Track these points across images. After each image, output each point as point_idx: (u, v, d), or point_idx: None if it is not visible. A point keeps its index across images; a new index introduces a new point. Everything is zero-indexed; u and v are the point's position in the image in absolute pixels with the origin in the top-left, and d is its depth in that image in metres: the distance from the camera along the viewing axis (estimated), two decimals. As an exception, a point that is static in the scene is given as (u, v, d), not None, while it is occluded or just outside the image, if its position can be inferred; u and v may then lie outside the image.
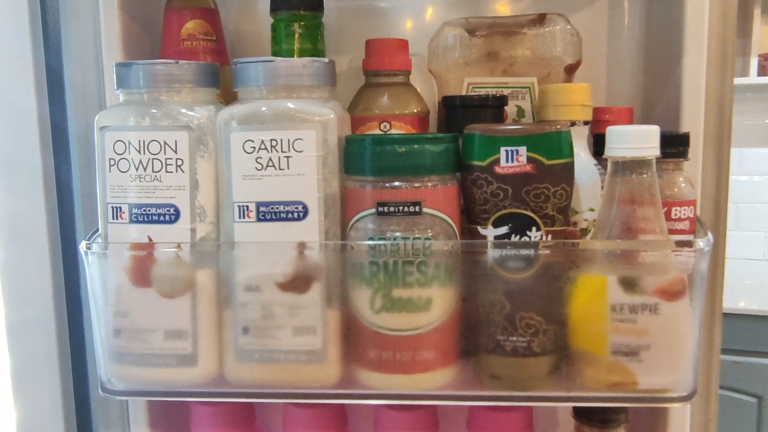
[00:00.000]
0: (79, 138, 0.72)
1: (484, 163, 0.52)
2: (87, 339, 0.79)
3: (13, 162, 0.79)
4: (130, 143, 0.54)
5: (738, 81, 2.50)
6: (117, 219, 0.55)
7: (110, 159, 0.55)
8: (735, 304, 2.13)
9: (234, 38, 0.74)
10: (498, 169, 0.52)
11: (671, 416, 0.62)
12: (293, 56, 0.64)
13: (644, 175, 0.51)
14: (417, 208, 0.52)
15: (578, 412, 0.65)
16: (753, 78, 2.41)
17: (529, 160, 0.52)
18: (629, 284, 0.52)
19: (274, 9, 0.65)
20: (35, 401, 0.84)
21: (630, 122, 0.65)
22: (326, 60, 0.55)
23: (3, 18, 0.76)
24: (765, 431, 2.18)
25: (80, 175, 0.72)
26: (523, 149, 0.51)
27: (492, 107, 0.60)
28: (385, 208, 0.52)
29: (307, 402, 0.63)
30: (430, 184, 0.53)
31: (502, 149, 0.52)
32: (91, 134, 0.67)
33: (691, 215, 0.57)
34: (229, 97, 0.60)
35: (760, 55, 2.36)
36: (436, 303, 0.53)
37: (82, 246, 0.55)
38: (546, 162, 0.52)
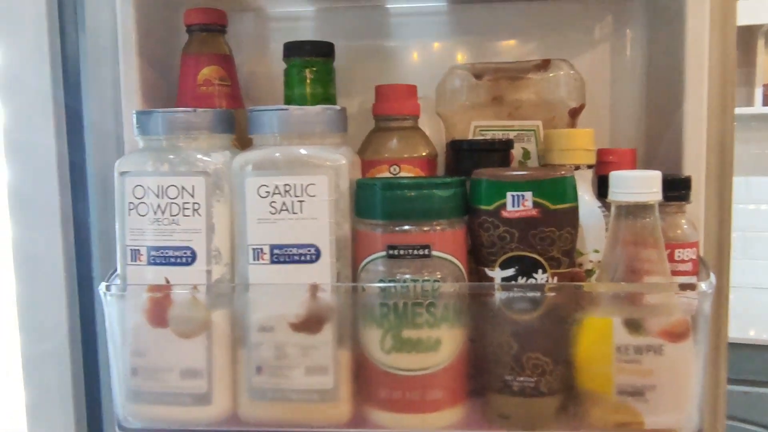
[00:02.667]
0: (97, 177, 0.74)
1: (491, 207, 0.54)
2: (102, 373, 0.80)
3: (33, 199, 0.82)
4: (149, 188, 0.56)
5: (742, 111, 2.52)
6: (136, 261, 0.57)
7: (130, 203, 0.56)
8: (744, 334, 2.13)
9: (247, 81, 0.77)
10: (504, 213, 0.54)
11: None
12: (305, 100, 0.66)
13: (647, 219, 0.53)
14: (426, 251, 0.54)
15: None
16: (758, 107, 2.43)
17: (535, 204, 0.53)
18: (634, 326, 0.53)
19: (287, 55, 0.67)
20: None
21: (633, 163, 0.66)
22: (338, 108, 0.57)
23: (26, 61, 0.79)
24: (775, 463, 2.15)
25: (98, 214, 0.74)
26: (528, 194, 0.53)
27: (498, 151, 0.62)
28: (396, 251, 0.54)
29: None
30: (438, 227, 0.54)
31: (509, 194, 0.53)
32: (108, 174, 0.69)
33: (694, 257, 0.58)
34: (244, 139, 0.62)
35: (764, 85, 2.38)
36: (445, 343, 0.54)
37: (102, 287, 0.56)
38: (551, 206, 0.53)
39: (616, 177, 0.53)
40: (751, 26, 2.27)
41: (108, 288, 0.56)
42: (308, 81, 0.67)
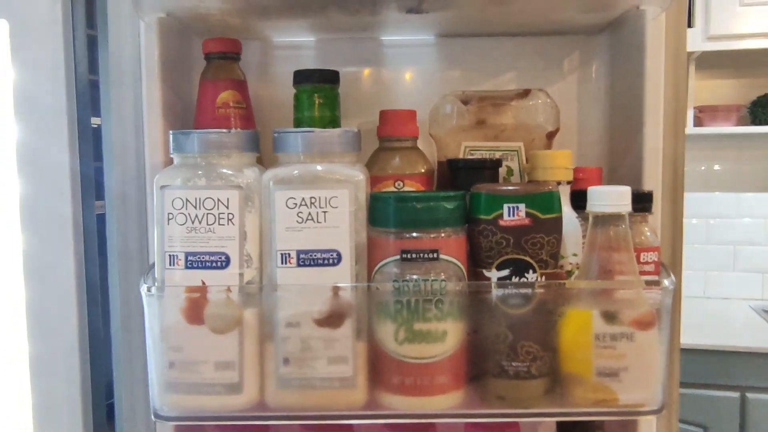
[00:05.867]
0: (115, 191, 0.80)
1: (489, 217, 0.63)
2: (116, 373, 0.85)
3: (44, 211, 0.86)
4: (187, 200, 0.63)
5: (676, 131, 2.69)
6: (174, 265, 0.63)
7: (168, 213, 0.63)
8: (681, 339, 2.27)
9: (254, 104, 0.84)
10: (501, 222, 0.63)
11: (640, 427, 0.72)
12: (315, 122, 0.74)
13: (619, 227, 0.63)
14: (435, 255, 0.62)
15: (561, 429, 0.75)
16: (689, 128, 2.60)
17: (527, 214, 0.62)
18: (609, 317, 0.63)
19: (298, 82, 0.75)
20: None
21: (600, 180, 0.76)
22: (355, 130, 0.65)
23: (41, 78, 0.84)
24: (711, 459, 2.30)
25: (117, 225, 0.80)
26: (522, 206, 0.62)
27: (489, 168, 0.71)
28: (408, 255, 0.62)
29: (335, 423, 0.71)
30: (444, 234, 0.63)
31: (505, 205, 0.63)
32: (127, 187, 0.76)
33: (656, 259, 0.68)
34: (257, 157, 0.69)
35: (695, 108, 2.55)
36: (450, 334, 0.63)
37: (143, 289, 0.63)
38: (541, 216, 0.63)
39: (594, 191, 0.63)
40: (684, 53, 2.45)
41: (149, 289, 0.63)
42: (317, 105, 0.74)
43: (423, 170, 0.74)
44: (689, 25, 2.39)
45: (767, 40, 2.35)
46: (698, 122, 2.56)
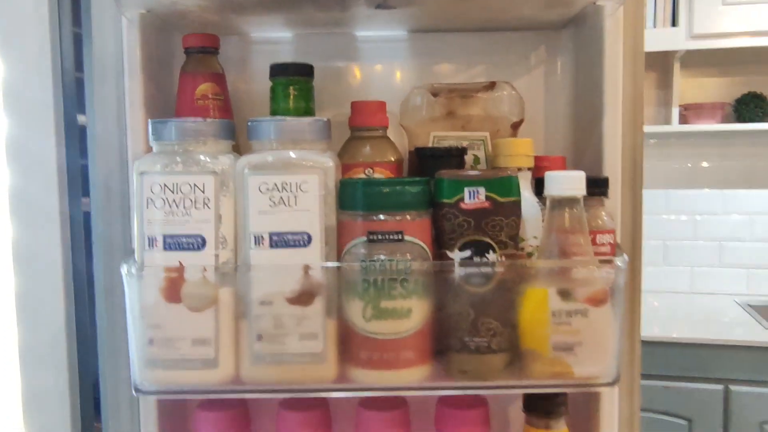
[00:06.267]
0: (99, 180, 0.83)
1: (452, 201, 0.67)
2: (101, 361, 0.88)
3: (33, 201, 0.90)
4: (165, 185, 0.66)
5: (662, 129, 2.73)
6: (153, 247, 0.67)
7: (147, 198, 0.67)
8: (667, 333, 2.32)
9: (231, 95, 0.87)
10: (463, 205, 0.66)
11: (602, 405, 0.76)
12: (289, 113, 0.78)
13: (574, 210, 0.66)
14: (400, 236, 0.66)
15: (527, 406, 0.78)
16: (675, 126, 2.64)
17: (487, 198, 0.66)
18: (565, 294, 0.66)
19: (273, 75, 0.78)
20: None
21: (564, 168, 0.80)
22: (325, 119, 0.69)
23: (29, 74, 0.88)
24: (696, 451, 2.33)
25: (101, 214, 0.83)
26: (482, 189, 0.66)
27: (455, 156, 0.75)
28: (375, 236, 0.66)
29: (303, 399, 0.75)
30: (409, 217, 0.66)
31: (466, 189, 0.66)
32: (111, 177, 0.79)
33: (612, 241, 0.72)
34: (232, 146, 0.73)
35: (680, 106, 2.59)
36: (416, 312, 0.66)
37: (124, 269, 0.66)
38: (500, 199, 0.66)
39: (550, 176, 0.67)
40: (668, 52, 2.49)
41: (129, 270, 0.66)
42: (291, 97, 0.78)
43: (392, 159, 0.77)
44: (673, 24, 2.44)
45: (750, 39, 2.40)
46: (683, 120, 2.60)
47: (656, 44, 2.42)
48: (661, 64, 2.65)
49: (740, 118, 2.58)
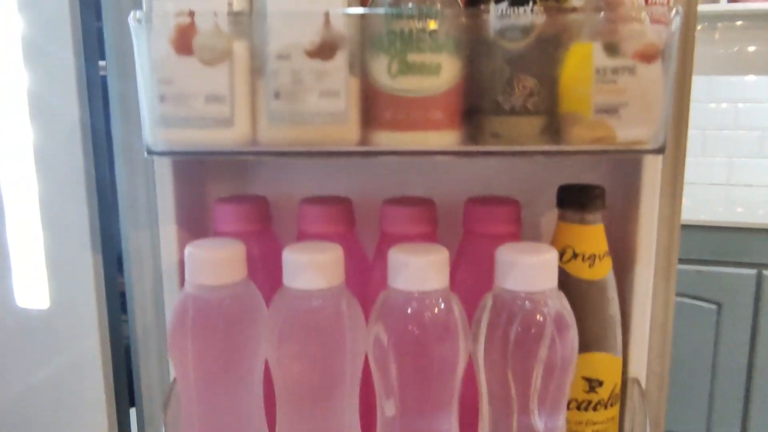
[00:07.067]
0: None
1: (488, -57, 0.60)
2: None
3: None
4: (174, -77, 0.60)
5: (708, 8, 2.58)
6: (162, -7, 0.61)
7: (156, -61, 0.61)
8: (696, 216, 2.26)
9: None
10: (501, -52, 0.60)
11: (644, 177, 0.71)
12: None
13: (626, -45, 0.59)
14: (430, -20, 0.60)
15: (560, 200, 0.74)
16: (723, 5, 2.49)
17: (528, -63, 0.59)
18: (612, 49, 0.60)
19: None
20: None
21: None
22: None
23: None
24: (723, 336, 2.32)
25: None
26: (523, -73, 0.59)
27: None
28: (403, -19, 0.60)
29: (326, 197, 0.71)
30: (440, -37, 0.60)
31: (505, -72, 0.59)
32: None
33: None
34: None
35: (730, -16, 2.44)
36: (446, 68, 0.61)
37: (131, 17, 0.61)
38: (543, -61, 0.59)
39: None
40: None
41: (138, 20, 0.61)
42: None
43: None
44: None
45: None
46: (732, -4, 2.45)
47: None
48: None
49: (795, -5, 2.43)
